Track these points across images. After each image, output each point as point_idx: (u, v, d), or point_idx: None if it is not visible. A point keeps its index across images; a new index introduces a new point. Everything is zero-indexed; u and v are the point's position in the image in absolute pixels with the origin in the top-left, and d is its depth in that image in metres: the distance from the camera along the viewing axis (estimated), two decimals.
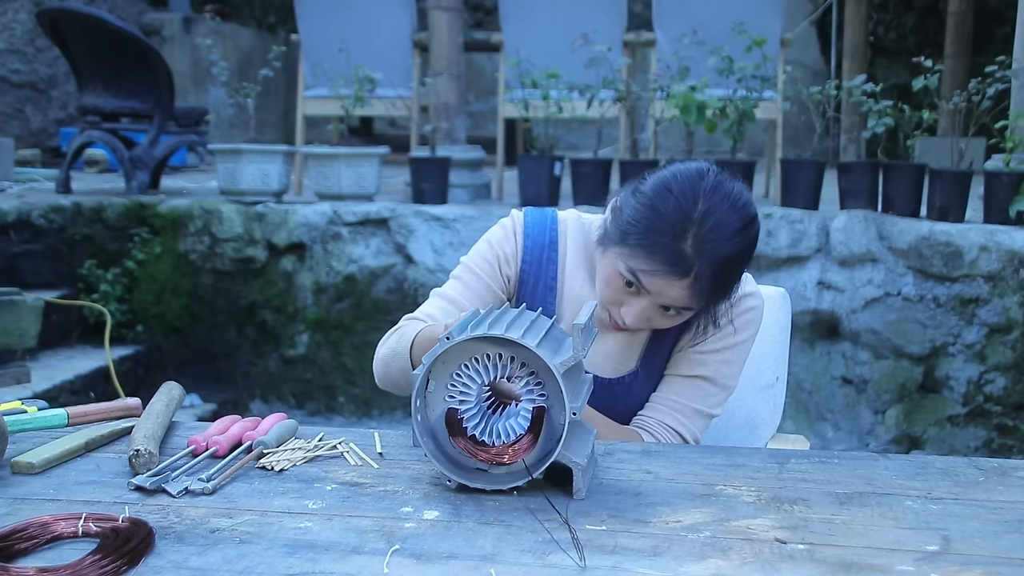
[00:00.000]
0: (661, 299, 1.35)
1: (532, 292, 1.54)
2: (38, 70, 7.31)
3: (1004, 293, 3.66)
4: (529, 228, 1.56)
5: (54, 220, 4.39)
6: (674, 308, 1.37)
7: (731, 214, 1.34)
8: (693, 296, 1.33)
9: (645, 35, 5.12)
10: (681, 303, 1.35)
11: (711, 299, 1.37)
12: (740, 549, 0.95)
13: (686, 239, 1.30)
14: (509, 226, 1.57)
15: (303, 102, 5.21)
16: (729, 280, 1.37)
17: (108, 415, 1.37)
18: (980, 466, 1.20)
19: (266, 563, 0.91)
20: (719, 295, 1.38)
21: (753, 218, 1.39)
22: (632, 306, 1.37)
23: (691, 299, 1.34)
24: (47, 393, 3.56)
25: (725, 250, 1.32)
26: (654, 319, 1.39)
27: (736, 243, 1.33)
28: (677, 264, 1.31)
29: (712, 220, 1.32)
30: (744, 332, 1.50)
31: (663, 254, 1.31)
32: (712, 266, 1.31)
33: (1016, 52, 4.29)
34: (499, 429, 1.11)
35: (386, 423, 4.36)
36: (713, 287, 1.33)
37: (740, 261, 1.36)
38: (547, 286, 1.54)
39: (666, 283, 1.33)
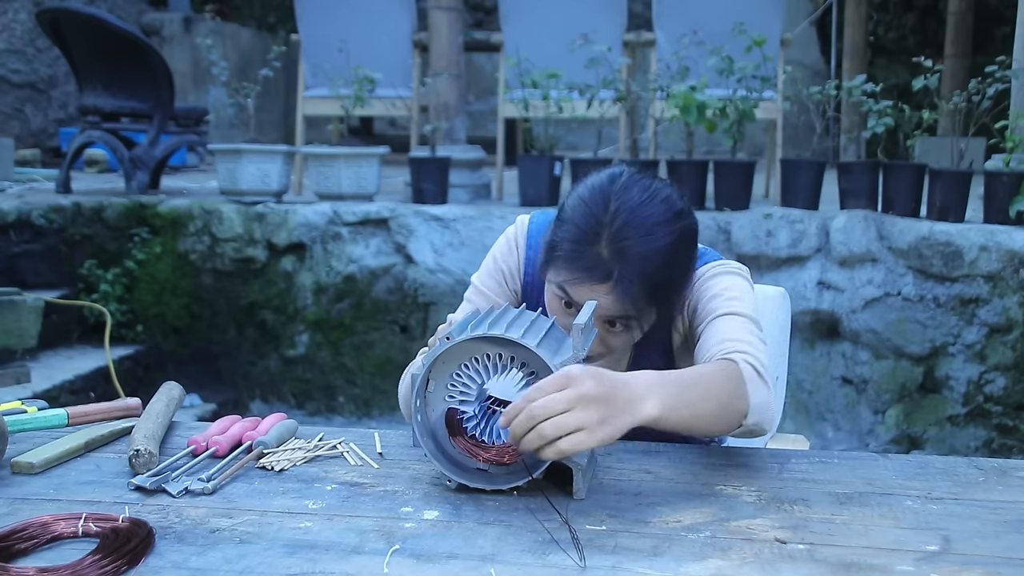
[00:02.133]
0: (600, 312, 1.29)
1: (536, 302, 1.53)
2: (38, 70, 7.31)
3: (1004, 293, 3.66)
4: (532, 237, 1.55)
5: (54, 220, 4.39)
6: (615, 320, 1.32)
7: (645, 209, 1.29)
8: (620, 300, 1.27)
9: (645, 35, 5.12)
10: (613, 311, 1.29)
11: (647, 302, 1.29)
12: (740, 549, 0.95)
13: (600, 242, 1.28)
14: (512, 236, 1.56)
15: (303, 102, 5.21)
16: (658, 278, 1.29)
17: (108, 415, 1.37)
18: (980, 466, 1.20)
19: (266, 563, 0.91)
20: (655, 296, 1.30)
21: (677, 213, 1.32)
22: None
23: (620, 303, 1.28)
24: (47, 393, 3.56)
25: (642, 247, 1.27)
26: (605, 338, 1.34)
27: (656, 239, 1.28)
28: (594, 269, 1.27)
29: (622, 218, 1.28)
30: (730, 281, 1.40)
31: (580, 261, 1.28)
32: (631, 265, 1.26)
33: (1016, 52, 4.29)
34: (499, 429, 1.11)
35: (386, 423, 4.36)
36: (641, 288, 1.27)
37: (666, 257, 1.29)
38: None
39: (591, 290, 1.28)
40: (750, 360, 1.24)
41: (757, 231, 4.04)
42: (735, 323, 1.33)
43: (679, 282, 1.36)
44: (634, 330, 1.35)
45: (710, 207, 4.36)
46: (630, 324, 1.33)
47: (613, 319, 1.32)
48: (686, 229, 1.34)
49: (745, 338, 1.29)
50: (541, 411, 0.99)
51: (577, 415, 0.99)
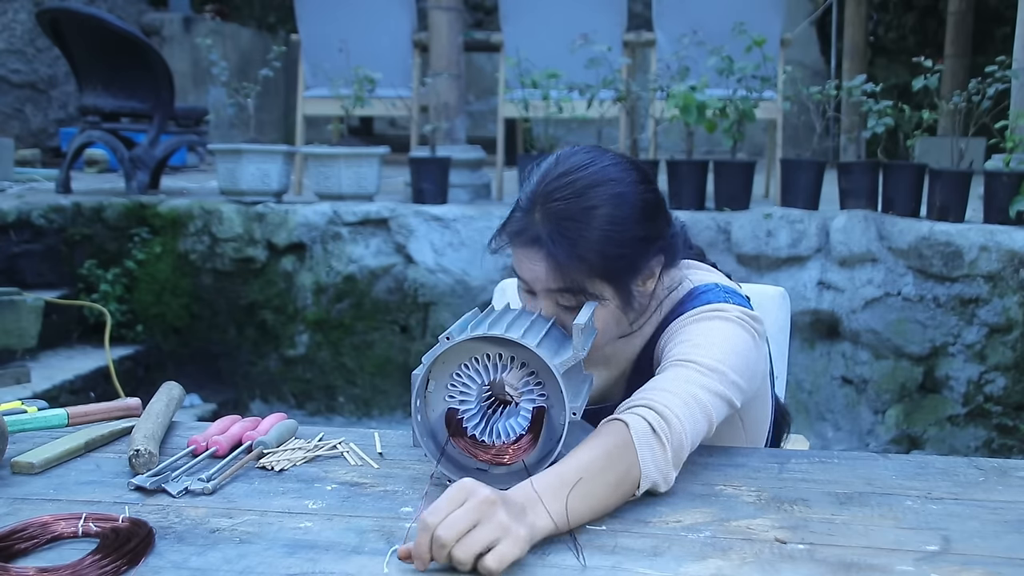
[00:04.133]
0: (539, 285, 1.24)
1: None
2: (38, 70, 7.31)
3: (1004, 293, 3.66)
4: None
5: (54, 220, 4.39)
6: (562, 296, 1.24)
7: (581, 173, 1.24)
8: (555, 269, 1.21)
9: (645, 35, 5.12)
10: (552, 282, 1.22)
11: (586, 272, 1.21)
12: (740, 549, 0.95)
13: (535, 211, 1.24)
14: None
15: (303, 102, 5.21)
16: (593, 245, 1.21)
17: (108, 415, 1.37)
18: (980, 466, 1.20)
19: (266, 563, 0.91)
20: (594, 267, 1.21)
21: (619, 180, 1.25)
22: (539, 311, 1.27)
23: (555, 273, 1.21)
24: (47, 393, 3.56)
25: (572, 208, 1.21)
26: (566, 320, 1.24)
27: (586, 200, 1.22)
28: (523, 233, 1.23)
29: (556, 183, 1.24)
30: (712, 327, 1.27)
31: (514, 228, 1.26)
32: (557, 227, 1.21)
33: (1016, 52, 4.29)
34: (499, 429, 1.11)
35: (386, 423, 4.36)
36: (569, 255, 1.20)
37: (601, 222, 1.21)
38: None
39: (531, 263, 1.24)
40: (646, 415, 1.11)
41: (757, 231, 4.04)
42: (679, 373, 1.19)
43: (629, 249, 1.24)
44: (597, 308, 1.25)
45: (710, 207, 4.36)
46: (579, 300, 1.24)
47: (557, 291, 1.24)
48: (632, 196, 1.25)
49: (668, 387, 1.16)
50: (448, 532, 0.89)
51: (488, 526, 0.90)
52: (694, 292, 1.36)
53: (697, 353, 1.22)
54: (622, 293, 1.26)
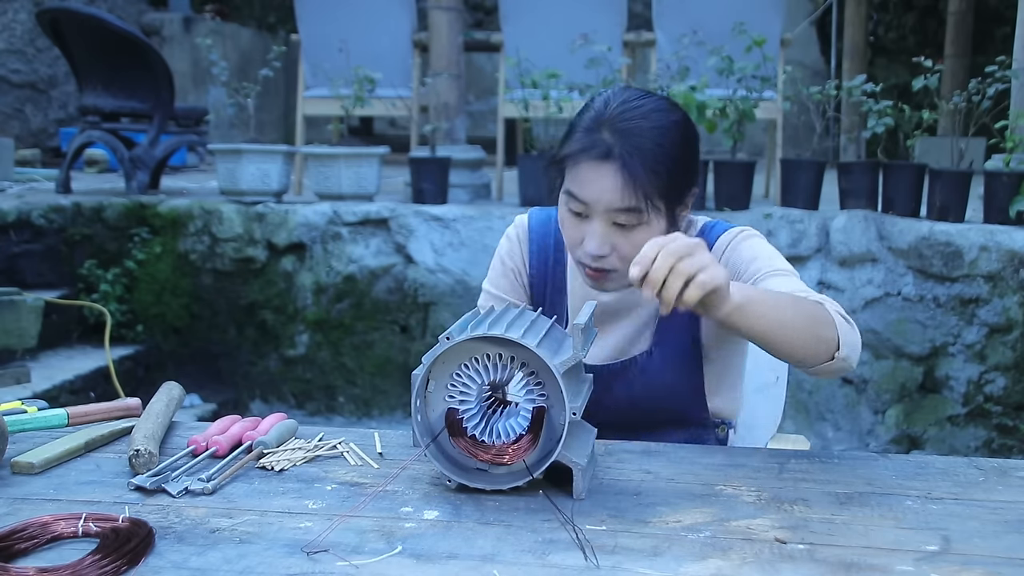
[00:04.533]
0: (602, 205, 1.32)
1: (542, 295, 1.55)
2: (38, 70, 7.32)
3: (1004, 293, 3.66)
4: (534, 232, 1.56)
5: (54, 220, 4.39)
6: (623, 215, 1.32)
7: (641, 100, 1.37)
8: (627, 185, 1.30)
9: (645, 35, 5.12)
10: (621, 200, 1.31)
11: (652, 187, 1.31)
12: (740, 549, 0.95)
13: (602, 130, 1.33)
14: (514, 235, 1.58)
15: (303, 102, 5.21)
16: (661, 159, 1.32)
17: (108, 415, 1.37)
18: (980, 466, 1.20)
19: (266, 563, 0.91)
20: (659, 182, 1.32)
21: (674, 105, 1.40)
22: (589, 234, 1.35)
23: (627, 190, 1.31)
24: (47, 393, 3.56)
25: (642, 125, 1.32)
26: (617, 242, 1.35)
27: (654, 119, 1.34)
28: (596, 147, 1.32)
29: (622, 106, 1.35)
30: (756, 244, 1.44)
31: (584, 149, 1.33)
32: (631, 139, 1.31)
33: (1016, 52, 4.29)
34: (499, 429, 1.11)
35: (386, 423, 4.36)
36: (643, 167, 1.30)
37: (667, 137, 1.33)
38: (556, 288, 1.55)
39: (597, 178, 1.32)
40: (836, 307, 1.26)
41: (757, 231, 4.04)
42: (791, 281, 1.34)
43: (684, 174, 1.37)
44: (643, 230, 1.34)
45: (710, 207, 4.36)
46: (640, 218, 1.33)
47: (621, 211, 1.32)
48: (686, 120, 1.39)
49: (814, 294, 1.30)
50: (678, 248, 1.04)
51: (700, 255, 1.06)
52: (706, 227, 1.50)
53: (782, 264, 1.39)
54: (671, 215, 1.37)
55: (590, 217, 1.35)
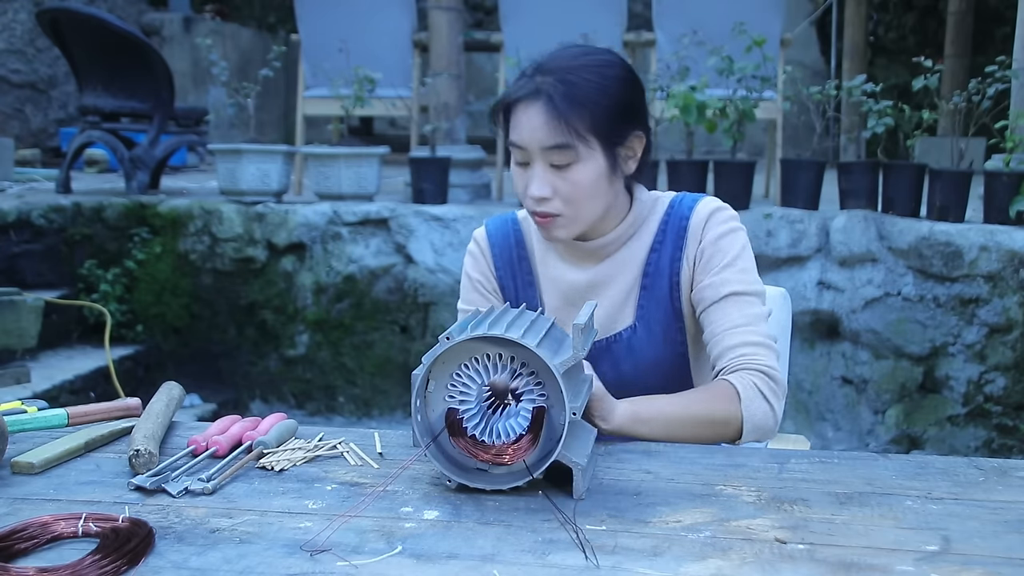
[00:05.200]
0: (535, 144, 1.36)
1: (515, 293, 1.58)
2: (38, 70, 7.32)
3: (1004, 293, 3.66)
4: (493, 238, 1.60)
5: (54, 220, 4.39)
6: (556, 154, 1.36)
7: (582, 47, 1.43)
8: (553, 120, 1.34)
9: (645, 35, 5.12)
10: (550, 137, 1.35)
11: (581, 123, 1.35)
12: (740, 549, 0.95)
13: (535, 76, 1.39)
14: (475, 249, 1.62)
15: (303, 102, 5.21)
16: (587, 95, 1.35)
17: (108, 415, 1.37)
18: (980, 466, 1.20)
19: (266, 563, 0.91)
20: (587, 118, 1.35)
21: (607, 50, 1.43)
22: (532, 177, 1.39)
23: (553, 125, 1.34)
24: (47, 393, 3.56)
25: (572, 64, 1.37)
26: (556, 184, 1.38)
27: (585, 60, 1.38)
28: (523, 89, 1.37)
29: (558, 52, 1.41)
30: (736, 240, 1.49)
31: (516, 92, 1.39)
32: (555, 75, 1.36)
33: (1016, 52, 4.29)
34: (499, 429, 1.11)
35: (386, 423, 4.36)
36: (571, 104, 1.34)
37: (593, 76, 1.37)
38: (526, 281, 1.57)
39: (529, 120, 1.36)
40: (754, 378, 1.37)
41: (757, 231, 4.04)
42: (747, 309, 1.43)
43: (621, 113, 1.39)
44: (580, 168, 1.37)
45: None
46: (573, 155, 1.36)
47: (552, 149, 1.36)
48: (623, 64, 1.42)
49: (756, 339, 1.41)
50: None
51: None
52: (674, 203, 1.53)
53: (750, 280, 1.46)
54: (609, 154, 1.39)
55: (531, 163, 1.39)
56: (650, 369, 1.50)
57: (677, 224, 1.50)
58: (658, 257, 1.50)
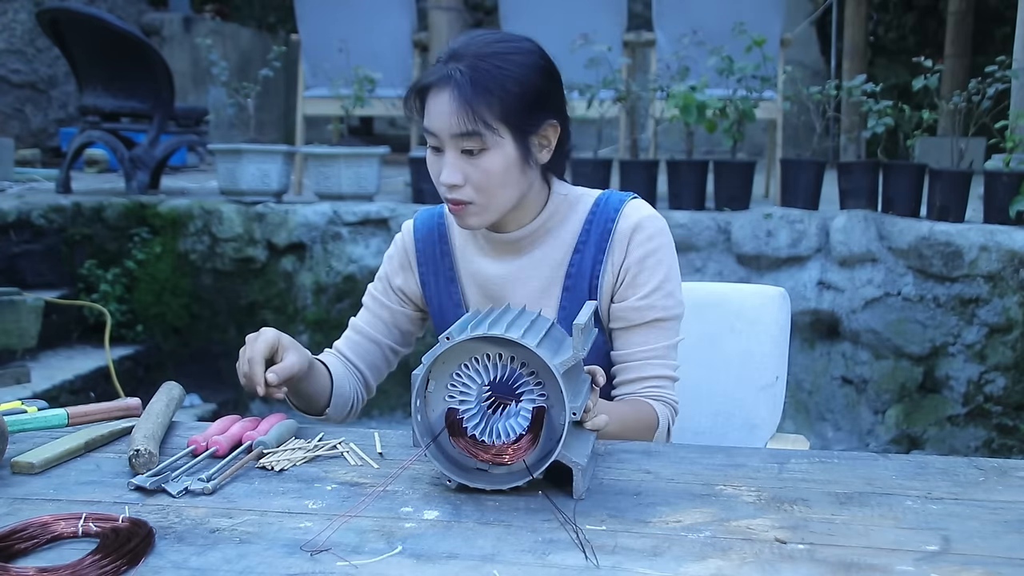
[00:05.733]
0: (445, 132, 1.36)
1: (436, 288, 1.59)
2: (38, 70, 7.32)
3: (1004, 293, 3.66)
4: (418, 231, 1.61)
5: (54, 220, 4.39)
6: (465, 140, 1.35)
7: (499, 35, 1.42)
8: (461, 108, 1.33)
9: (645, 35, 5.12)
10: (458, 124, 1.34)
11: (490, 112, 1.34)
12: (740, 549, 0.95)
13: (448, 63, 1.38)
14: (399, 239, 1.64)
15: (303, 102, 5.21)
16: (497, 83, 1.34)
17: (108, 415, 1.37)
18: (980, 466, 1.20)
19: (266, 563, 0.91)
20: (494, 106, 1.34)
21: (531, 41, 1.43)
22: (443, 164, 1.39)
23: (461, 113, 1.33)
24: (47, 393, 3.56)
25: (484, 51, 1.36)
26: (467, 171, 1.38)
27: (498, 48, 1.37)
28: (436, 74, 1.37)
29: (467, 40, 1.40)
30: (664, 258, 1.49)
31: (427, 79, 1.38)
32: (465, 62, 1.35)
33: (1016, 52, 4.29)
34: (499, 429, 1.11)
35: (386, 423, 4.36)
36: (477, 92, 1.33)
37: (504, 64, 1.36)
38: (447, 277, 1.58)
39: (437, 106, 1.36)
40: (668, 414, 1.48)
41: (757, 231, 4.04)
42: (666, 337, 1.49)
43: (532, 100, 1.38)
44: (489, 156, 1.37)
45: (710, 207, 4.36)
46: (481, 143, 1.35)
47: (460, 136, 1.35)
48: (539, 51, 1.42)
49: (669, 373, 1.49)
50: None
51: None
52: (600, 200, 1.52)
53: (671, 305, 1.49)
54: (520, 143, 1.38)
55: (442, 150, 1.39)
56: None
57: (602, 226, 1.49)
58: (581, 258, 1.49)
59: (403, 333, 1.66)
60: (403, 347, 1.67)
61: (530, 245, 1.51)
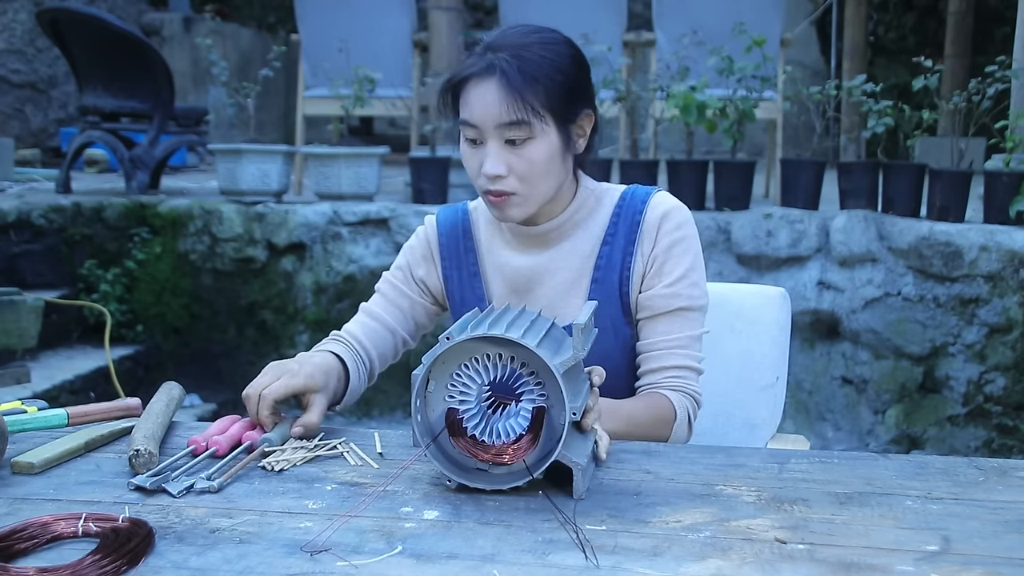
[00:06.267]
0: (490, 122, 1.35)
1: (459, 283, 1.59)
2: (38, 70, 7.32)
3: (1004, 293, 3.66)
4: (442, 226, 1.62)
5: (54, 220, 4.39)
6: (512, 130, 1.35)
7: (522, 26, 1.43)
8: (510, 96, 1.33)
9: (645, 35, 5.12)
10: (507, 113, 1.34)
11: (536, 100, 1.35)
12: (740, 549, 0.95)
13: (487, 53, 1.38)
14: (422, 232, 1.64)
15: (303, 102, 5.21)
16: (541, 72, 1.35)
17: (108, 415, 1.37)
18: (980, 466, 1.20)
19: (266, 563, 0.91)
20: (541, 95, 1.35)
21: (554, 30, 1.44)
22: (486, 155, 1.38)
23: (510, 101, 1.33)
24: (47, 393, 3.56)
25: (524, 40, 1.37)
26: (511, 161, 1.38)
27: (537, 37, 1.38)
28: (476, 65, 1.36)
29: (509, 29, 1.41)
30: (690, 247, 1.49)
31: (468, 70, 1.37)
32: (509, 52, 1.35)
33: (1016, 52, 4.29)
34: (499, 429, 1.11)
35: (386, 423, 4.36)
36: (527, 80, 1.33)
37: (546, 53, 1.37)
38: (471, 272, 1.58)
39: (482, 96, 1.35)
40: (688, 402, 1.46)
41: (757, 231, 4.05)
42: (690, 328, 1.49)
43: (573, 90, 1.39)
44: (535, 145, 1.37)
45: (710, 207, 4.36)
46: (529, 131, 1.36)
47: (508, 125, 1.35)
48: (573, 43, 1.44)
49: (691, 364, 1.48)
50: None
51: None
52: (626, 195, 1.53)
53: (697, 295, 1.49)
54: (563, 132, 1.40)
55: (484, 141, 1.38)
56: (598, 362, 1.47)
57: (630, 218, 1.50)
58: (610, 250, 1.49)
59: (417, 325, 1.64)
60: (412, 340, 1.66)
61: (558, 238, 1.51)
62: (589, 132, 1.47)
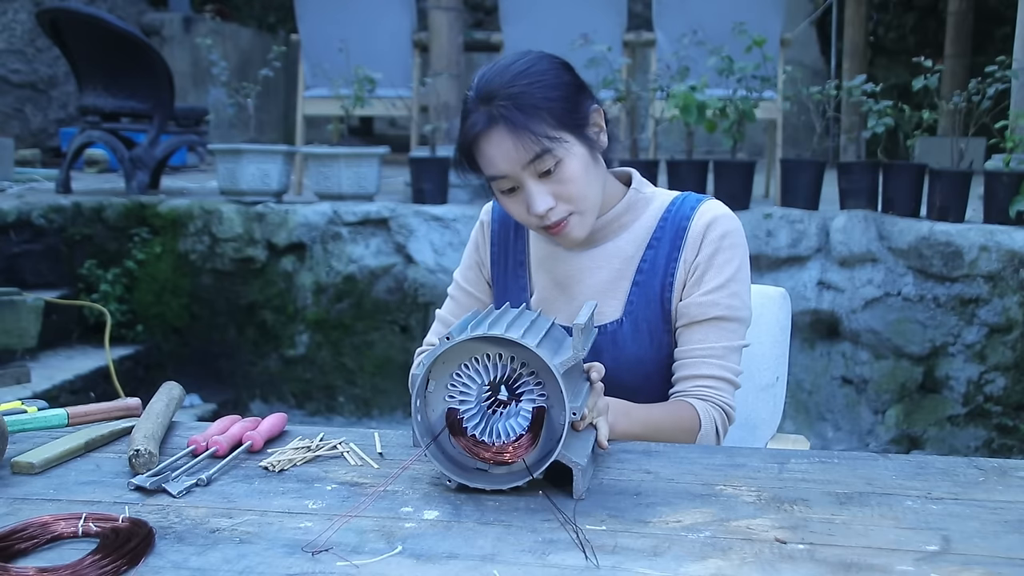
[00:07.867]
0: (517, 167, 1.36)
1: (504, 269, 1.59)
2: (38, 70, 7.31)
3: (1004, 293, 3.66)
4: (496, 211, 1.62)
5: (54, 220, 4.39)
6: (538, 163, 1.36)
7: (503, 61, 1.41)
8: (521, 136, 1.34)
9: (645, 35, 5.12)
10: (527, 152, 1.35)
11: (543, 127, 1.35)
12: (740, 549, 0.95)
13: (478, 107, 1.37)
14: (481, 218, 1.64)
15: (303, 102, 5.21)
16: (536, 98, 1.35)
17: (108, 415, 1.37)
18: (980, 466, 1.20)
19: (266, 563, 0.91)
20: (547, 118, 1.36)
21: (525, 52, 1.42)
22: (529, 197, 1.38)
23: (523, 140, 1.34)
24: (47, 393, 3.56)
25: (504, 78, 1.36)
26: (554, 189, 1.38)
27: (515, 69, 1.37)
28: (478, 123, 1.36)
29: (484, 77, 1.39)
30: (734, 257, 1.48)
31: (471, 131, 1.37)
32: (499, 97, 1.35)
33: (1016, 52, 4.29)
34: (499, 429, 1.11)
35: (386, 423, 4.36)
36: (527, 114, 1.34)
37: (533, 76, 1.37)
38: (517, 260, 1.59)
39: (499, 146, 1.36)
40: (716, 416, 1.43)
41: (757, 231, 4.04)
42: (727, 338, 1.47)
43: (571, 97, 1.40)
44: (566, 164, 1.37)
45: None
46: (554, 157, 1.36)
47: (533, 161, 1.36)
48: (549, 58, 1.42)
49: (725, 375, 1.45)
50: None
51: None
52: (675, 202, 1.52)
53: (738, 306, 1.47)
54: (582, 139, 1.41)
55: (520, 186, 1.39)
56: (632, 366, 1.49)
57: (676, 224, 1.49)
58: (654, 254, 1.49)
59: None
60: None
61: (603, 237, 1.51)
62: (604, 123, 1.48)
